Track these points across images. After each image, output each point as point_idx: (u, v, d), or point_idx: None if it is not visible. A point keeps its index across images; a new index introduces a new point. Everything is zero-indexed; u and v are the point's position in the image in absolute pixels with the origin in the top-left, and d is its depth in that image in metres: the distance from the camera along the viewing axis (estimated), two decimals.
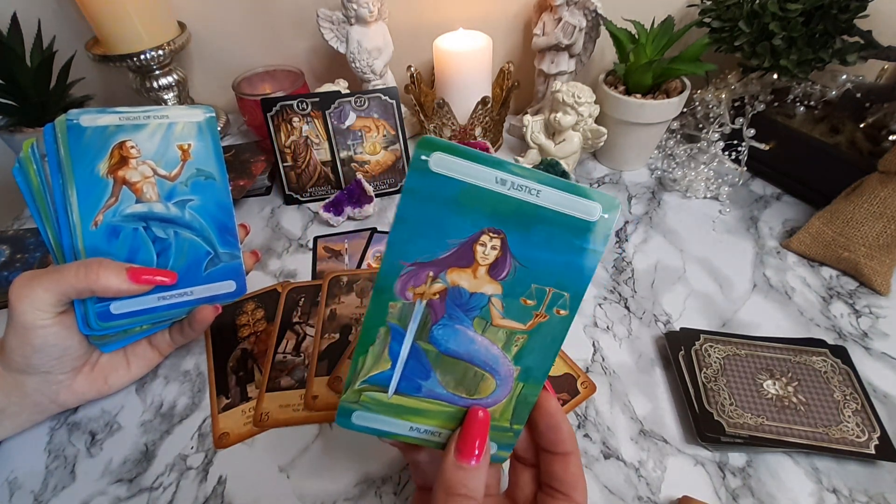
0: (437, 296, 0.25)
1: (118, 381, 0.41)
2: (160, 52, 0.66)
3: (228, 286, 0.41)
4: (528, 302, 0.25)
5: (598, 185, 0.65)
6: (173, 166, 0.39)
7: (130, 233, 0.37)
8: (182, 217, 0.39)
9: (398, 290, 0.24)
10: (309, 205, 0.64)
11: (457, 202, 0.23)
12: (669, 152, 0.67)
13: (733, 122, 0.61)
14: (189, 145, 0.39)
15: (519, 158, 0.66)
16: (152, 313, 0.38)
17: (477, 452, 0.25)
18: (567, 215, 0.23)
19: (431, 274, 0.24)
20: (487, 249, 0.24)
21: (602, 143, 0.62)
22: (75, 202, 0.35)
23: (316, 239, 0.59)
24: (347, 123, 0.62)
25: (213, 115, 0.40)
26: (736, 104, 0.63)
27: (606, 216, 0.23)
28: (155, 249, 0.38)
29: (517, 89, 0.68)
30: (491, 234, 0.23)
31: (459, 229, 0.23)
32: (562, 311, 0.25)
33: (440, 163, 0.22)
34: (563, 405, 0.41)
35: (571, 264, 0.24)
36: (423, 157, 0.22)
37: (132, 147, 0.37)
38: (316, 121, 0.61)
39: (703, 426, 0.39)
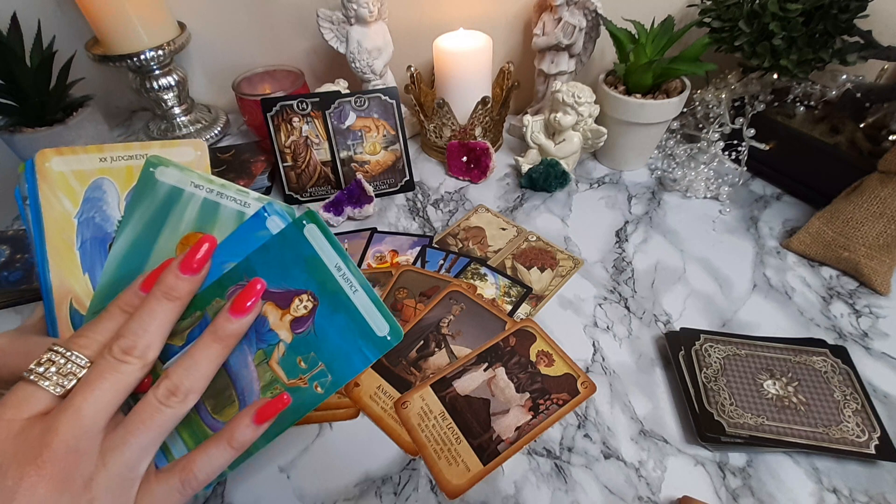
0: None
1: None
2: (160, 52, 0.66)
3: None
4: (302, 364, 0.28)
5: (599, 185, 0.65)
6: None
7: None
8: None
9: (228, 293, 0.29)
10: (309, 205, 0.64)
11: (304, 261, 0.28)
12: (669, 152, 0.67)
13: (733, 122, 0.61)
14: None
15: (519, 158, 0.66)
16: None
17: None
18: (365, 320, 0.28)
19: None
20: (300, 306, 0.28)
21: (602, 143, 0.63)
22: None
23: None
24: (347, 123, 0.62)
25: (309, 222, 0.28)
26: (736, 104, 0.63)
27: (389, 338, 0.27)
28: None
29: (517, 89, 0.68)
30: (310, 297, 0.28)
31: (294, 280, 0.28)
32: (319, 389, 0.28)
33: (311, 232, 0.28)
34: (563, 405, 0.41)
35: (347, 356, 0.28)
36: (304, 223, 0.28)
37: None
38: (316, 121, 0.61)
39: (703, 426, 0.39)
